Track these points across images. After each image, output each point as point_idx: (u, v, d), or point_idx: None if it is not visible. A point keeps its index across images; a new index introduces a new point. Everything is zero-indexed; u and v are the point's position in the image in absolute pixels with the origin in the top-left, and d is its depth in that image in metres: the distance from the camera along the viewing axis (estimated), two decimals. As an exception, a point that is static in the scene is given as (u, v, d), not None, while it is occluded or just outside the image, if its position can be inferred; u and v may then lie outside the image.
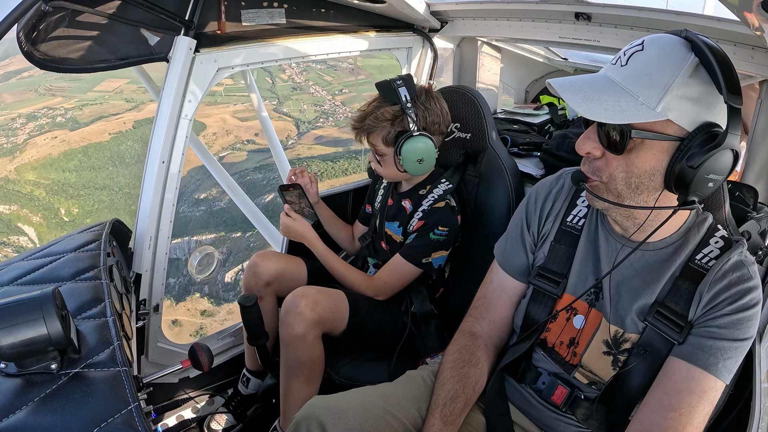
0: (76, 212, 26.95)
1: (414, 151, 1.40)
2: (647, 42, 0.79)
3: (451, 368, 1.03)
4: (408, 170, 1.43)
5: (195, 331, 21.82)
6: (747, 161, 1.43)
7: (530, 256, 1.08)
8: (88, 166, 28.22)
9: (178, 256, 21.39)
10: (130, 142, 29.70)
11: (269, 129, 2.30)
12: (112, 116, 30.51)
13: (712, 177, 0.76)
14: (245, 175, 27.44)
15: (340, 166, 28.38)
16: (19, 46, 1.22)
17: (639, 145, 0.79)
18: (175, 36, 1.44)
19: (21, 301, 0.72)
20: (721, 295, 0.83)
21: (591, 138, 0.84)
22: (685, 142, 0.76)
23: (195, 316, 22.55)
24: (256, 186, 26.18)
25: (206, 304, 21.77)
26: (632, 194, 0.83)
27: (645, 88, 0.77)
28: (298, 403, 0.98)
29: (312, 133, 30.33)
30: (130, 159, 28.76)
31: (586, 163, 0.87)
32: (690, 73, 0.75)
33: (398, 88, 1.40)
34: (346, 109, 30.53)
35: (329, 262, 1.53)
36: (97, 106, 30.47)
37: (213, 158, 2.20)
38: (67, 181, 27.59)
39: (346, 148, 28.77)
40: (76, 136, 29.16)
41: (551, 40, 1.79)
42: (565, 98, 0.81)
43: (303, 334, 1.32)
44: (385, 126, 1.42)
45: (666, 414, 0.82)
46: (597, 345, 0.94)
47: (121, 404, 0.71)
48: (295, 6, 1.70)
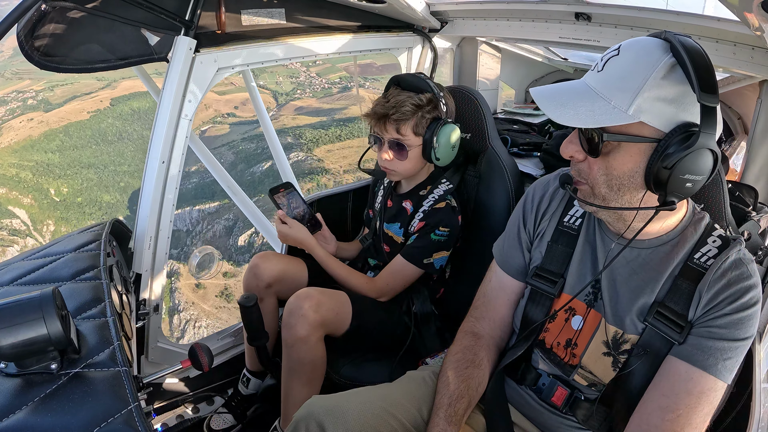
0: (66, 191, 27.00)
1: (451, 137, 1.43)
2: (624, 47, 0.80)
3: (455, 368, 1.03)
4: (442, 157, 1.44)
5: (220, 292, 22.31)
6: (747, 161, 1.43)
7: (527, 255, 1.08)
8: (71, 145, 28.27)
9: (179, 228, 21.66)
10: (111, 119, 29.79)
11: (269, 129, 2.30)
12: (86, 95, 30.59)
13: (689, 177, 0.76)
14: (235, 146, 27.62)
15: (332, 133, 28.77)
16: (19, 46, 1.22)
17: (616, 147, 0.81)
18: (175, 36, 1.44)
19: (21, 301, 0.73)
20: (720, 294, 0.83)
21: (573, 142, 0.86)
22: (662, 143, 0.77)
23: (217, 278, 22.88)
24: (252, 155, 26.37)
25: (226, 266, 22.03)
26: (615, 196, 0.84)
27: (617, 91, 0.78)
28: (298, 404, 0.98)
29: (291, 104, 30.81)
30: (112, 137, 28.85)
31: (573, 167, 0.89)
32: (663, 74, 0.76)
33: (427, 80, 1.43)
34: (322, 80, 31.16)
35: (330, 267, 1.53)
36: (68, 86, 30.53)
37: (213, 158, 2.20)
38: (51, 161, 27.62)
39: (330, 117, 29.32)
40: (54, 116, 29.22)
41: (551, 40, 1.79)
42: (540, 105, 0.83)
43: (306, 336, 1.32)
44: (414, 115, 1.40)
45: (664, 415, 0.82)
46: (596, 346, 0.94)
47: (121, 404, 0.71)
48: (295, 6, 1.70)
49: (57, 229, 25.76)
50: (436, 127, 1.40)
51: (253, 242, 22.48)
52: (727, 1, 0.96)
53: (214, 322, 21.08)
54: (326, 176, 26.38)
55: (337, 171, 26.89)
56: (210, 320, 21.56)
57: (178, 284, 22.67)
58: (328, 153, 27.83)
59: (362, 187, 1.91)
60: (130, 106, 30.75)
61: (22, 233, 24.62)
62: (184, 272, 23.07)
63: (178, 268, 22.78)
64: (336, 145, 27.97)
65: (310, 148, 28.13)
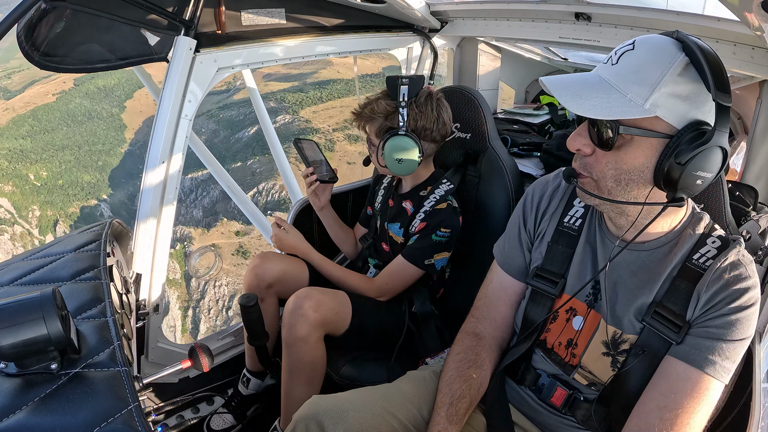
0: (46, 175, 27.03)
1: (394, 149, 1.41)
2: (638, 42, 0.80)
3: (457, 368, 1.03)
4: (387, 166, 1.45)
5: (235, 250, 22.46)
6: (747, 161, 1.43)
7: (527, 255, 1.08)
8: (41, 129, 28.38)
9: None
10: (78, 99, 29.82)
11: (270, 129, 2.30)
12: (45, 78, 30.40)
13: (700, 174, 0.77)
14: (215, 115, 27.90)
15: (313, 95, 29.12)
16: (20, 46, 1.22)
17: (628, 141, 0.80)
18: (175, 36, 1.44)
19: (21, 301, 0.72)
20: (719, 294, 0.83)
21: (582, 135, 0.85)
22: (674, 139, 0.77)
23: (230, 237, 23.22)
24: (234, 122, 26.62)
25: (237, 225, 22.16)
26: (622, 191, 0.84)
27: (634, 85, 0.77)
28: (298, 404, 0.98)
29: (258, 72, 31.53)
30: (81, 117, 28.93)
31: (577, 160, 0.88)
32: (680, 71, 0.76)
33: (401, 86, 1.41)
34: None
35: (327, 271, 1.54)
36: (25, 72, 30.52)
37: (213, 158, 2.21)
38: (24, 147, 27.73)
39: (302, 82, 29.92)
40: (18, 102, 29.25)
41: (551, 40, 1.79)
42: (554, 94, 0.82)
43: (306, 335, 1.32)
44: (378, 119, 1.44)
45: (663, 414, 0.82)
46: (596, 346, 0.94)
47: (121, 404, 0.71)
48: (295, 6, 1.70)
49: (43, 213, 25.69)
50: (386, 135, 1.41)
51: (257, 202, 22.61)
52: (727, 1, 0.96)
53: (234, 279, 21.31)
54: (317, 135, 26.75)
55: (327, 130, 27.28)
56: (230, 278, 21.87)
57: (192, 248, 22.78)
58: (314, 114, 28.25)
59: (362, 187, 1.91)
60: (96, 85, 30.65)
61: (8, 221, 24.54)
62: (195, 236, 23.17)
63: (189, 233, 22.81)
64: (320, 107, 28.43)
65: (295, 110, 28.44)
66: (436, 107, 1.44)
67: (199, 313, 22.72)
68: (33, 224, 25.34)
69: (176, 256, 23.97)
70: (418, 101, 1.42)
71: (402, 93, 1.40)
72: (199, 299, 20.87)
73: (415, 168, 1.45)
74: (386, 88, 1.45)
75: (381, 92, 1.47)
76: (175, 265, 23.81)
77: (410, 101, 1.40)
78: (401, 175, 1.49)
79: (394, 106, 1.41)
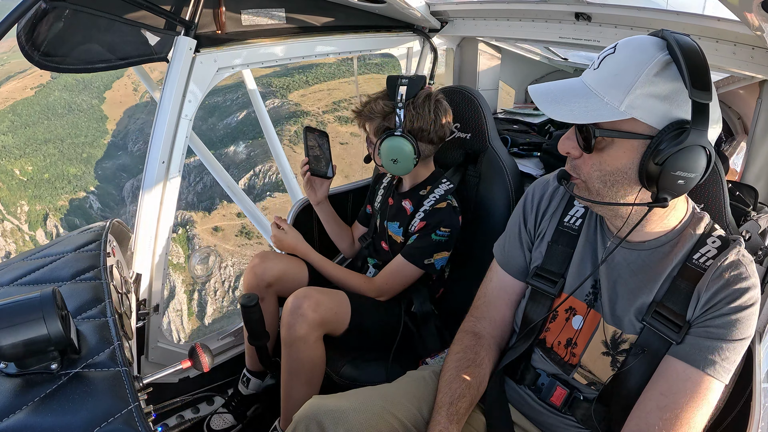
0: (31, 170, 26.91)
1: (390, 150, 1.42)
2: (620, 44, 0.81)
3: (457, 367, 1.03)
4: (383, 166, 1.46)
5: (239, 231, 22.47)
6: (747, 161, 1.43)
7: (528, 255, 1.08)
8: (22, 123, 28.21)
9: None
10: (57, 92, 29.65)
11: (269, 129, 2.30)
12: (20, 73, 29.92)
13: (680, 174, 0.76)
14: (201, 103, 28.02)
15: (299, 79, 29.13)
16: (19, 46, 1.22)
17: (610, 144, 0.81)
18: (175, 36, 1.44)
19: (21, 301, 0.72)
20: (719, 294, 0.83)
21: (570, 138, 0.87)
22: (654, 139, 0.77)
23: (232, 219, 23.26)
24: (221, 108, 26.61)
25: (236, 207, 22.24)
26: (609, 191, 0.84)
27: (612, 88, 0.78)
28: (298, 404, 0.98)
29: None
30: (62, 109, 28.81)
31: (569, 163, 0.90)
32: (657, 71, 0.76)
33: (399, 87, 1.41)
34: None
35: (327, 271, 1.54)
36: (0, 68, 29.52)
37: (212, 157, 2.21)
38: (5, 142, 27.58)
39: (283, 67, 29.97)
40: None
41: (551, 40, 1.79)
42: (535, 102, 0.84)
43: (305, 335, 1.32)
44: (377, 118, 1.45)
45: (662, 414, 0.82)
46: (596, 345, 0.94)
47: (121, 404, 0.71)
48: (295, 6, 1.70)
49: (32, 208, 25.43)
50: (382, 135, 1.42)
51: (254, 184, 22.30)
52: (727, 1, 0.96)
53: (240, 260, 21.22)
54: (308, 118, 26.87)
55: (317, 112, 27.33)
56: (235, 258, 21.83)
57: (194, 231, 22.74)
58: (302, 98, 28.29)
59: (362, 187, 1.91)
60: (74, 77, 30.26)
61: (-3, 219, 24.37)
62: (197, 219, 23.09)
63: (190, 217, 22.71)
64: (307, 90, 28.48)
65: (283, 94, 28.40)
66: (434, 109, 1.44)
67: (205, 295, 22.65)
68: (22, 220, 25.12)
69: (179, 241, 23.88)
70: (416, 102, 1.42)
71: (400, 93, 1.40)
72: (204, 282, 20.85)
73: (410, 169, 1.45)
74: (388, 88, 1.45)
75: (381, 92, 1.48)
76: (178, 249, 23.69)
77: (408, 102, 1.41)
78: (398, 174, 1.50)
79: (391, 107, 1.42)
